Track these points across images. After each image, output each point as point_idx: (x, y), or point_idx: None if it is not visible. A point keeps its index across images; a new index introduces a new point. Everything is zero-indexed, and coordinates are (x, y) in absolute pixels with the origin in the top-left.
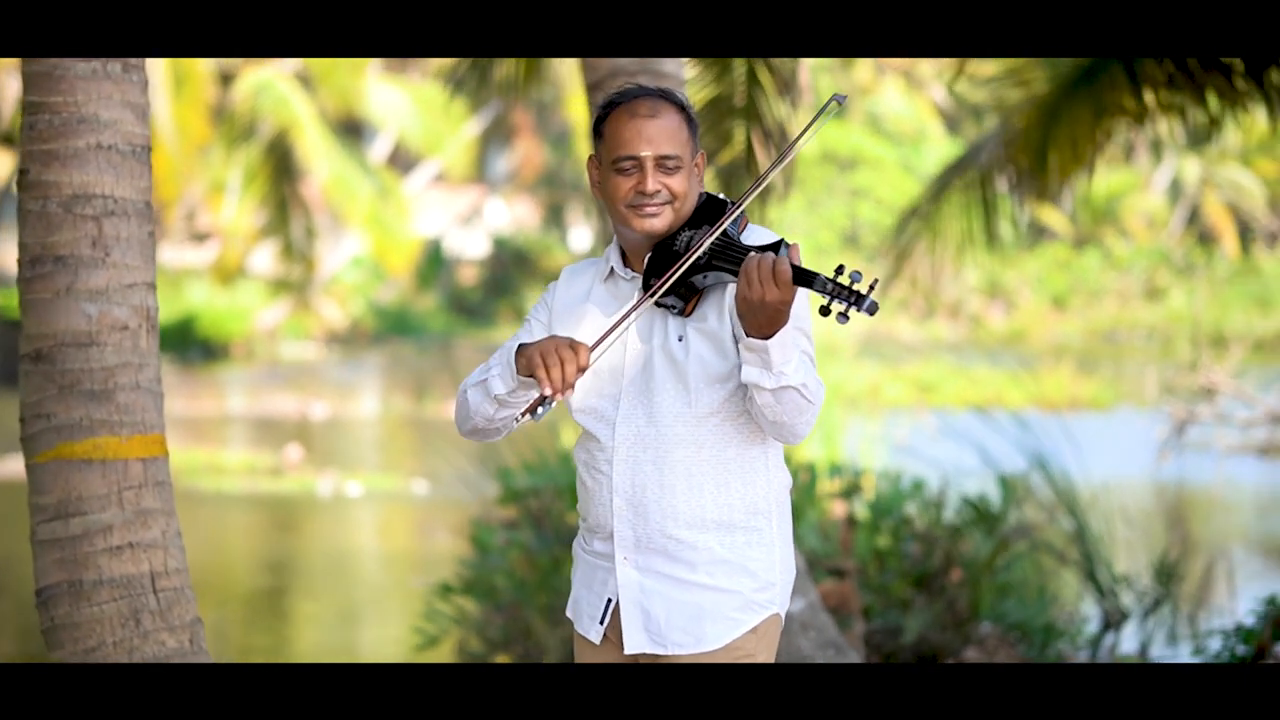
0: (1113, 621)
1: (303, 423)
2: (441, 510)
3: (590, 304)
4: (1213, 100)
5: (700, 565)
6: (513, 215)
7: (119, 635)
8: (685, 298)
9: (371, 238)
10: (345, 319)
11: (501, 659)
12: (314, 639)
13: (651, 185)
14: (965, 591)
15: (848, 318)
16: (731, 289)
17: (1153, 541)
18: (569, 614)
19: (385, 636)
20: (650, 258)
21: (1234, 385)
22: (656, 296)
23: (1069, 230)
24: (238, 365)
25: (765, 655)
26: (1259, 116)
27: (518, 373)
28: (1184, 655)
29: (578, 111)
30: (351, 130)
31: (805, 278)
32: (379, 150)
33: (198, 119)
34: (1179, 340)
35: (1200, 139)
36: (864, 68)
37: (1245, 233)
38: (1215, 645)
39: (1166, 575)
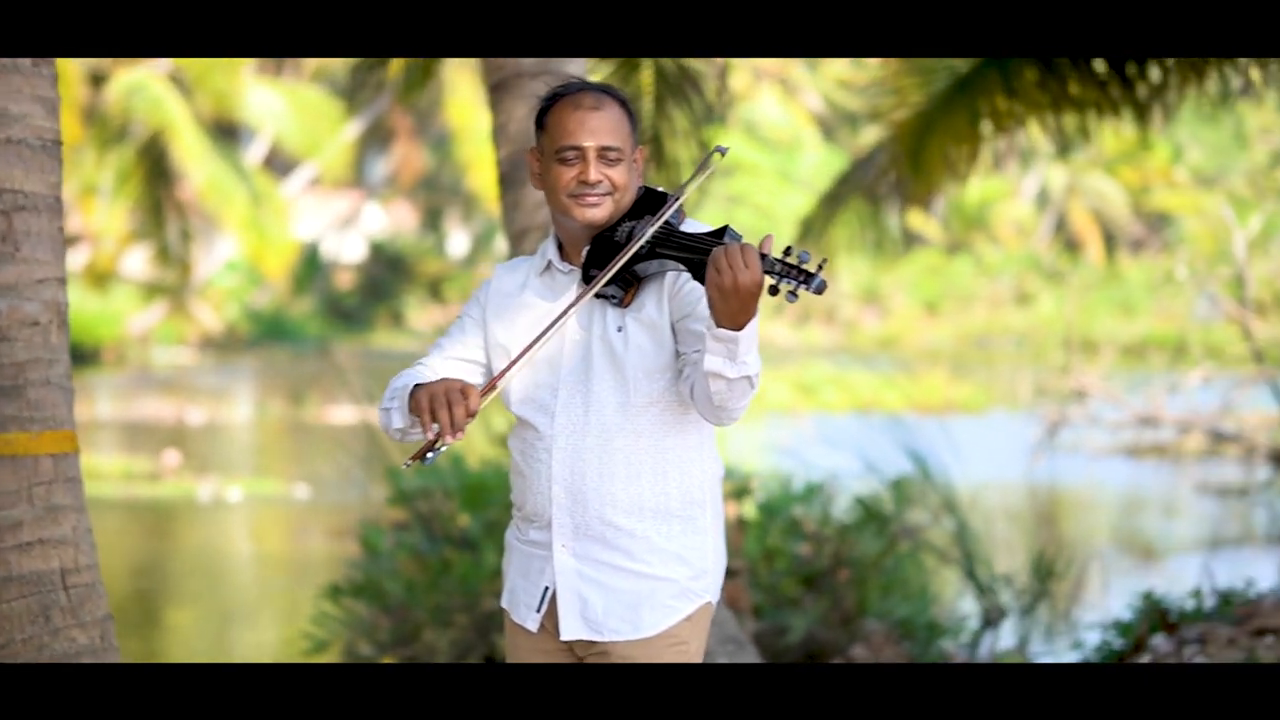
0: (992, 618)
1: (179, 428)
2: (324, 514)
3: (526, 295)
4: (1087, 106)
5: (638, 553)
6: (390, 219)
7: (29, 632)
8: (625, 287)
9: (248, 241)
10: (220, 324)
11: (389, 661)
12: (201, 644)
13: (594, 175)
14: (853, 590)
15: (796, 296)
16: (669, 279)
17: (1028, 541)
18: (504, 604)
19: (273, 640)
20: (589, 250)
21: (1105, 388)
22: (597, 288)
23: (941, 236)
24: (109, 370)
25: (698, 643)
26: (1127, 124)
27: (410, 412)
28: (1062, 649)
29: (457, 115)
30: (227, 133)
31: None
32: (255, 153)
33: (69, 119)
34: (1048, 345)
35: (1067, 148)
36: (741, 74)
37: (1110, 240)
38: (1093, 639)
39: (1044, 574)
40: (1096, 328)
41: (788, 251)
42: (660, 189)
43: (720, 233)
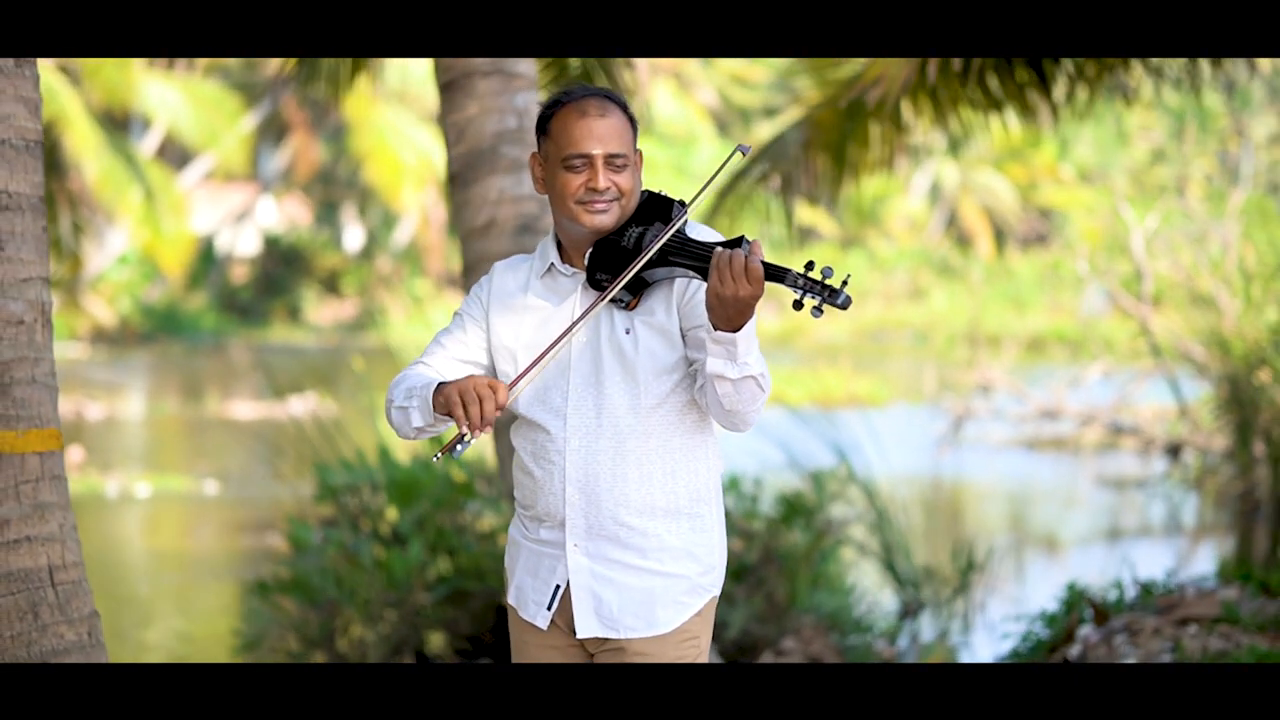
0: (911, 610)
1: (79, 423)
2: (234, 509)
3: (529, 298)
4: (1007, 101)
5: (650, 551)
6: (285, 213)
7: (17, 629)
8: (634, 292)
9: (142, 235)
10: (113, 317)
11: (319, 658)
12: (135, 642)
13: (603, 183)
14: (783, 584)
15: (821, 312)
16: (678, 283)
17: (937, 533)
18: (511, 601)
19: (200, 636)
20: (592, 253)
21: (1010, 381)
22: (610, 295)
23: (835, 231)
24: None
25: (706, 636)
26: (1042, 119)
27: (435, 410)
28: (982, 641)
29: (353, 109)
30: (119, 124)
31: (777, 273)
32: (149, 145)
33: None
34: (944, 339)
35: (958, 143)
36: (637, 69)
37: (1000, 235)
38: (1019, 630)
39: (965, 566)
40: (989, 322)
41: (809, 266)
42: (663, 193)
43: (736, 243)
